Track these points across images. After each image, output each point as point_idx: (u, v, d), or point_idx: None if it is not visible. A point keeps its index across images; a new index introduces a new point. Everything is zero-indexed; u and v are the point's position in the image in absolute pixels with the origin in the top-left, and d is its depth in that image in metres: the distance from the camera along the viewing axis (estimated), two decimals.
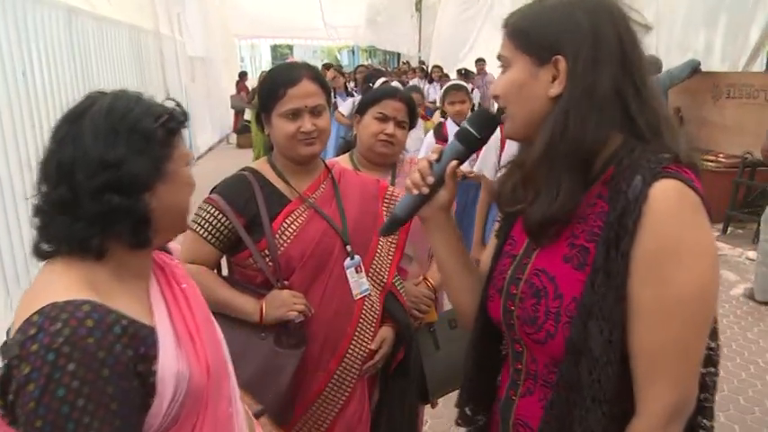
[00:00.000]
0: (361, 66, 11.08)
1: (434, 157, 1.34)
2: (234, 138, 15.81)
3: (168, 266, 1.34)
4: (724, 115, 8.01)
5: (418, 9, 19.51)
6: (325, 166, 2.11)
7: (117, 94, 1.19)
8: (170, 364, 1.13)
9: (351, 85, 10.56)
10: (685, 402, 1.12)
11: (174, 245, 1.46)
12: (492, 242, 1.45)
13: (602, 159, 1.17)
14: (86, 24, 6.74)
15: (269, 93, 1.94)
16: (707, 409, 1.22)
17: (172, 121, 1.20)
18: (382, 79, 7.71)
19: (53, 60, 5.75)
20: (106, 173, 1.10)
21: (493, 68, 11.76)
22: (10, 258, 4.79)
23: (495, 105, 1.54)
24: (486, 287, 1.36)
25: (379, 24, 19.49)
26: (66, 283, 1.08)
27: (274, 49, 35.47)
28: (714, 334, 1.21)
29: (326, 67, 11.25)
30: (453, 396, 2.53)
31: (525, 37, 1.20)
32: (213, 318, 1.40)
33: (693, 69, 7.73)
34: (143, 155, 1.13)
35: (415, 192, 1.34)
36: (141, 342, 1.09)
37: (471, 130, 1.31)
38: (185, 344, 1.21)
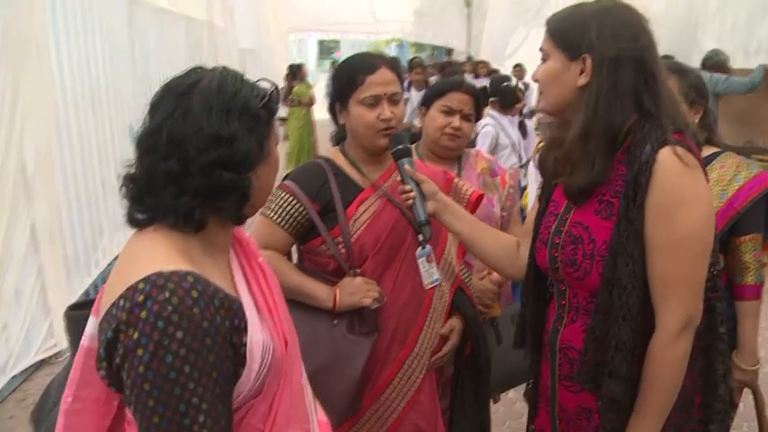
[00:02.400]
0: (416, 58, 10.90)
1: (399, 178, 1.85)
2: (281, 130, 15.92)
3: (245, 240, 1.37)
4: None
5: (468, 4, 19.34)
6: None
7: (223, 73, 1.21)
8: (257, 336, 1.16)
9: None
10: (693, 316, 1.45)
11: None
12: (535, 206, 1.79)
13: (622, 133, 1.48)
14: (146, 16, 6.86)
15: (347, 80, 1.94)
16: (722, 344, 1.60)
17: (271, 102, 1.23)
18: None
19: (114, 51, 5.88)
20: (219, 149, 1.13)
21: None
22: (72, 244, 4.92)
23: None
24: (533, 242, 1.70)
25: (429, 19, 19.34)
26: (165, 253, 1.11)
27: (321, 43, 35.58)
28: (717, 262, 1.56)
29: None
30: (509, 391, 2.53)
31: (561, 36, 1.54)
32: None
33: (752, 88, 7.35)
34: (252, 134, 1.17)
35: (410, 202, 1.81)
36: (234, 314, 1.12)
37: (398, 147, 1.86)
38: (266, 317, 1.24)
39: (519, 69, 12.34)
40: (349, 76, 1.94)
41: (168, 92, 1.18)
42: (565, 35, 1.53)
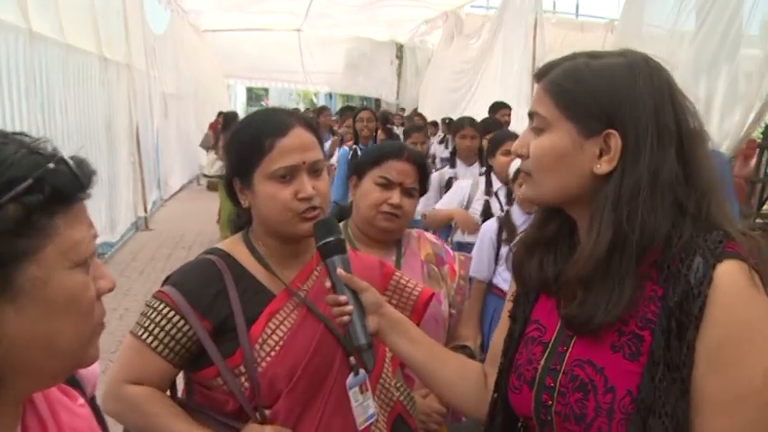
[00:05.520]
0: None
1: (328, 284, 1.36)
2: (204, 179, 15.22)
3: (57, 415, 0.88)
4: None
5: (398, 56, 19.36)
6: None
7: None
8: None
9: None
10: None
11: (92, 368, 0.97)
12: (503, 323, 1.31)
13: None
14: (49, 52, 6.22)
15: (250, 147, 1.46)
16: None
17: (31, 195, 0.72)
18: None
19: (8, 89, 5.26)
20: None
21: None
22: None
23: None
24: (506, 377, 1.24)
25: (358, 70, 19.34)
26: None
27: (249, 90, 35.28)
28: None
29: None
30: None
31: (571, 101, 1.09)
32: None
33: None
34: None
35: (346, 319, 1.33)
36: None
37: (328, 239, 1.37)
38: None
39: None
40: (252, 141, 1.46)
41: None
42: (577, 99, 1.08)
